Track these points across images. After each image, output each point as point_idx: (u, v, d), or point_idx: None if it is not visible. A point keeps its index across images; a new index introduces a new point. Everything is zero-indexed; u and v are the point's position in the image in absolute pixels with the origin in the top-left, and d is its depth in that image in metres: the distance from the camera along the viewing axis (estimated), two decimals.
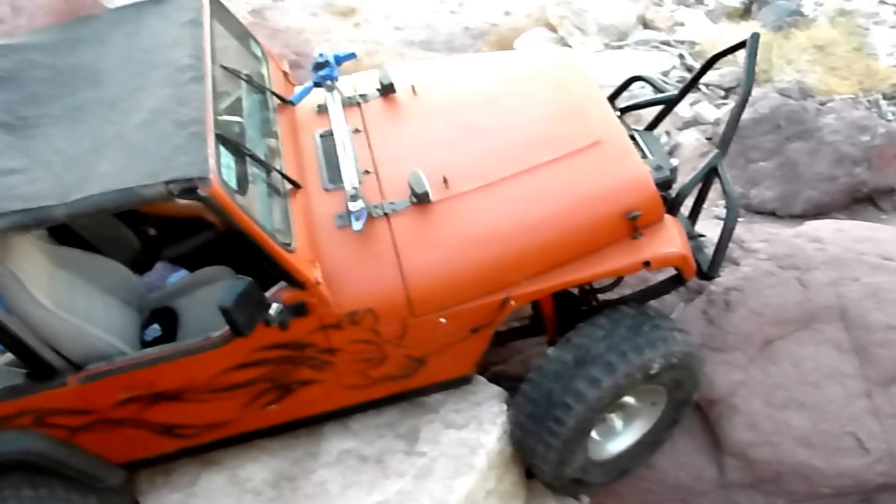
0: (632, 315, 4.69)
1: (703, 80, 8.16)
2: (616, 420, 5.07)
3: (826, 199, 7.18)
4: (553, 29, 9.96)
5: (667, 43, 9.17)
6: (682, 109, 8.10)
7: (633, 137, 5.03)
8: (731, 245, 5.04)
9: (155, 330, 4.88)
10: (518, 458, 5.09)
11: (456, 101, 5.18)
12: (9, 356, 4.47)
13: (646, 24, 9.78)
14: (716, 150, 4.85)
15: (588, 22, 9.49)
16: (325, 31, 10.33)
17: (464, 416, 4.90)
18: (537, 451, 4.70)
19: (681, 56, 8.90)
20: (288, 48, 8.75)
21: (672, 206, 4.78)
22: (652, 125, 5.66)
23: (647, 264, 4.50)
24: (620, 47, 9.33)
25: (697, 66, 8.56)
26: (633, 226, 4.49)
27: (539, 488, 5.31)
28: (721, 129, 7.46)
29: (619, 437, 5.11)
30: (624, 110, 5.46)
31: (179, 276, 5.37)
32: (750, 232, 5.76)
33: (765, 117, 7.28)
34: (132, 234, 5.41)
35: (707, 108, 8.23)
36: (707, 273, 4.83)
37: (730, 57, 8.25)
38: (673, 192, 4.90)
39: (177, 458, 4.85)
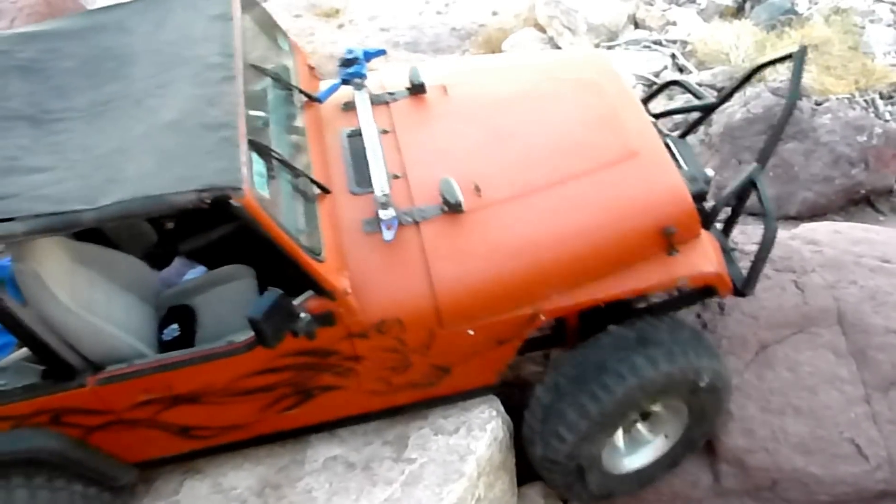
0: (692, 328, 4.77)
1: (695, 79, 8.20)
2: (621, 443, 5.08)
3: (822, 201, 7.17)
4: (542, 29, 9.94)
5: (658, 42, 9.16)
6: None
7: (666, 145, 4.97)
8: None
9: (174, 330, 4.86)
10: (508, 465, 5.08)
11: (488, 104, 5.11)
12: (24, 351, 4.47)
13: (637, 24, 9.77)
14: (754, 164, 4.78)
15: (578, 22, 9.47)
16: (309, 33, 10.32)
17: (453, 422, 4.88)
18: (568, 416, 4.61)
19: (672, 56, 8.89)
20: None
21: (706, 220, 4.73)
22: (686, 132, 5.65)
23: (681, 283, 4.51)
24: (611, 47, 9.30)
25: (689, 65, 8.61)
26: (670, 242, 4.46)
27: (530, 496, 5.31)
28: (713, 129, 7.46)
29: (626, 459, 5.13)
30: (658, 116, 5.44)
31: (197, 272, 5.37)
32: (744, 234, 5.74)
33: (758, 117, 7.26)
34: (149, 226, 5.42)
35: None
36: (742, 291, 4.81)
37: (722, 56, 8.36)
38: (707, 204, 4.86)
39: (192, 458, 4.86)
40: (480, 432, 4.83)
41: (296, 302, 4.00)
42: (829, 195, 7.17)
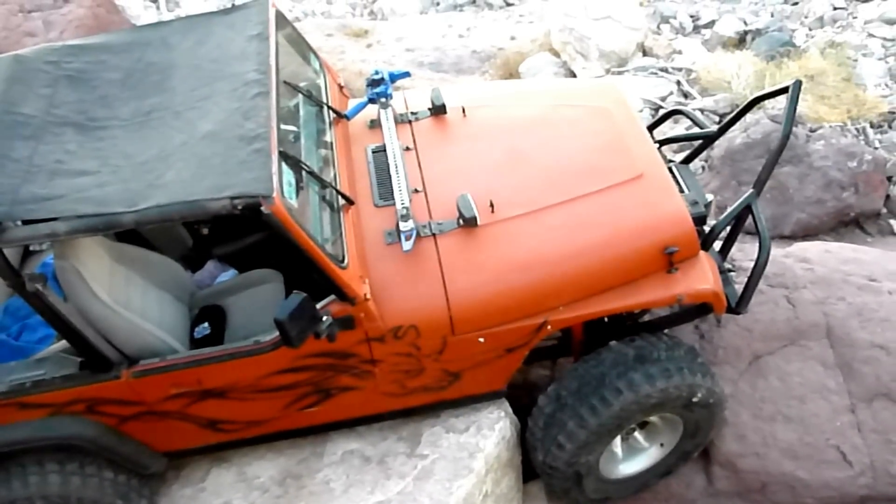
0: (688, 346, 4.76)
1: (699, 105, 8.16)
2: (619, 449, 5.07)
3: (814, 222, 7.14)
4: (556, 54, 9.90)
5: (665, 70, 9.12)
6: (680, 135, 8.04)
7: (670, 170, 4.97)
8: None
9: (204, 328, 4.87)
10: (514, 462, 5.05)
11: (504, 126, 5.12)
12: (63, 343, 4.48)
13: (645, 52, 9.73)
14: (751, 190, 4.75)
15: (590, 48, 9.43)
16: (340, 51, 10.27)
17: (464, 421, 4.87)
18: (568, 426, 4.61)
19: (678, 83, 8.85)
20: None
21: (705, 241, 4.71)
22: (688, 159, 5.62)
23: (679, 299, 4.47)
24: (621, 73, 9.27)
25: (693, 92, 8.56)
26: (670, 260, 4.46)
27: (534, 492, 5.28)
28: (715, 152, 7.43)
29: (622, 465, 5.13)
30: (662, 143, 5.42)
31: (229, 275, 5.40)
32: (741, 251, 5.73)
33: (757, 142, 7.23)
34: (186, 231, 5.45)
35: None
36: (735, 309, 4.79)
37: (724, 84, 8.31)
38: (706, 227, 4.85)
39: (217, 450, 4.87)
40: (489, 431, 4.81)
41: (319, 305, 3.99)
42: (821, 216, 7.15)
